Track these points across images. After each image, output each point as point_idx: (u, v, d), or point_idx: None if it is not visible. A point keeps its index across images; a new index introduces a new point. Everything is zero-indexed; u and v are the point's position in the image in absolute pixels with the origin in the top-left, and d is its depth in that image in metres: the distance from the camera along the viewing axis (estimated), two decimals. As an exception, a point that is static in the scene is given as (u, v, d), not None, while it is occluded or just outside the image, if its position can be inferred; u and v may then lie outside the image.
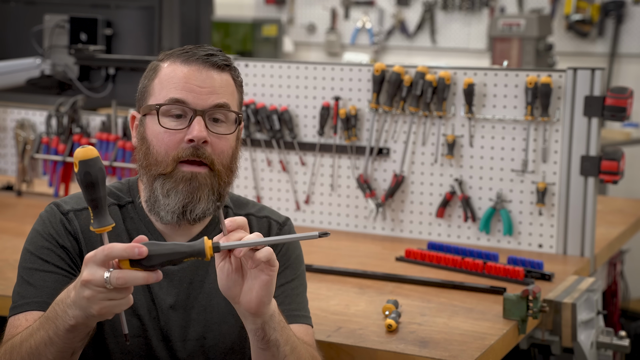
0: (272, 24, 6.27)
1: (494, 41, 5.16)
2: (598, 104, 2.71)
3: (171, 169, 1.71)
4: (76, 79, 3.40)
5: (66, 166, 3.38)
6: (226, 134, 1.73)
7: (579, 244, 2.77)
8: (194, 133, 1.69)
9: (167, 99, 1.72)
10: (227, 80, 1.75)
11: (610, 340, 2.40)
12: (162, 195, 1.72)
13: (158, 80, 1.75)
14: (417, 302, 2.30)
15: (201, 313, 1.78)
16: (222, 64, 1.75)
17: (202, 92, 1.72)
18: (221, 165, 1.74)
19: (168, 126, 1.72)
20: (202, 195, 1.71)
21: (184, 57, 1.74)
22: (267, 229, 1.87)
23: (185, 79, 1.72)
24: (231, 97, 1.75)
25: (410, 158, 2.95)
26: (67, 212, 1.75)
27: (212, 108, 1.72)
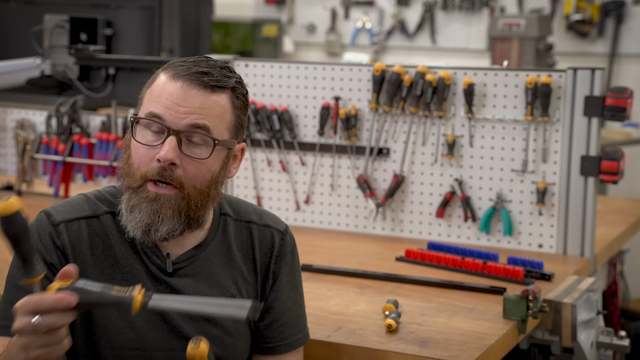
0: (272, 24, 6.27)
1: (494, 41, 5.16)
2: (598, 104, 2.71)
3: (138, 184, 1.67)
4: (76, 79, 3.40)
5: (66, 166, 3.38)
6: (201, 158, 1.66)
7: (579, 244, 2.77)
8: (161, 153, 1.63)
9: (146, 112, 1.67)
10: (217, 102, 1.67)
11: (610, 340, 2.40)
12: (126, 210, 1.68)
13: (150, 90, 1.70)
14: (417, 302, 2.30)
15: (204, 327, 1.76)
16: (211, 85, 1.66)
17: (180, 111, 1.64)
18: (192, 189, 1.67)
19: (143, 140, 1.67)
20: (165, 217, 1.66)
21: (177, 71, 1.67)
22: (270, 239, 1.84)
23: (166, 95, 1.65)
24: (217, 119, 1.67)
25: (410, 158, 2.95)
26: (57, 223, 1.71)
27: (188, 129, 1.64)
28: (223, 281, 1.78)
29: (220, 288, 1.78)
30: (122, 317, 1.71)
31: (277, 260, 1.84)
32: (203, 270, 1.77)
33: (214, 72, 1.68)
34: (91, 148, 3.35)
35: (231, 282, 1.79)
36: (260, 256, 1.83)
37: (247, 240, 1.83)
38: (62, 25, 3.57)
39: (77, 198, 1.77)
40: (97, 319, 1.71)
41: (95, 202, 1.76)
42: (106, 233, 1.74)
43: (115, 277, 1.72)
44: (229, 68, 1.73)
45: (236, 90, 1.71)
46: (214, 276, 1.78)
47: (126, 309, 1.45)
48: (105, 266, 1.72)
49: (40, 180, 3.51)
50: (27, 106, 3.57)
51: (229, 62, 3.08)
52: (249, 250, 1.83)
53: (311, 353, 2.02)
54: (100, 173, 3.36)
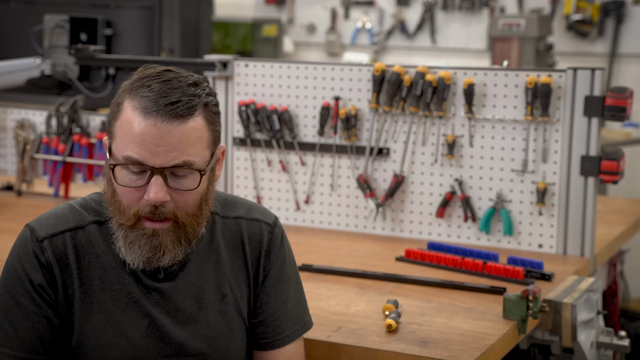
0: (272, 24, 6.27)
1: (494, 41, 5.16)
2: (598, 104, 2.71)
3: (132, 222, 1.66)
4: (76, 79, 3.40)
5: (66, 166, 3.38)
6: (190, 190, 1.66)
7: (579, 244, 2.77)
8: (150, 195, 1.62)
9: (123, 156, 1.63)
10: (192, 128, 1.63)
11: (610, 340, 2.40)
12: (125, 246, 1.68)
13: (119, 125, 1.65)
14: (417, 302, 2.30)
15: (197, 329, 1.76)
16: (185, 114, 1.62)
17: (159, 151, 1.61)
18: (186, 217, 1.67)
19: (126, 182, 1.65)
20: (167, 249, 1.67)
21: (145, 104, 1.61)
22: (258, 233, 1.83)
23: (141, 137, 1.61)
24: (195, 146, 1.64)
25: (410, 158, 2.95)
26: (41, 239, 1.70)
27: (170, 167, 1.63)
28: (214, 281, 1.78)
29: (211, 288, 1.77)
30: (114, 328, 1.71)
31: (267, 255, 1.83)
32: (194, 271, 1.77)
33: (183, 96, 1.63)
34: (91, 148, 3.35)
35: (222, 281, 1.79)
36: (250, 251, 1.82)
37: (236, 236, 1.82)
38: (62, 25, 3.57)
39: (61, 209, 1.76)
40: (89, 331, 1.71)
41: (80, 212, 1.75)
42: (92, 244, 1.73)
43: (104, 288, 1.72)
44: (195, 82, 1.67)
45: (208, 105, 1.68)
46: (204, 277, 1.77)
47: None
48: (93, 278, 1.72)
49: (40, 180, 3.51)
50: (27, 106, 3.57)
51: (228, 61, 3.08)
52: (239, 247, 1.82)
53: (311, 353, 2.02)
54: (100, 173, 3.36)
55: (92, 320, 1.71)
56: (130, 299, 1.72)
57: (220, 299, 1.77)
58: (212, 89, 1.71)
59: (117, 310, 1.71)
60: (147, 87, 1.64)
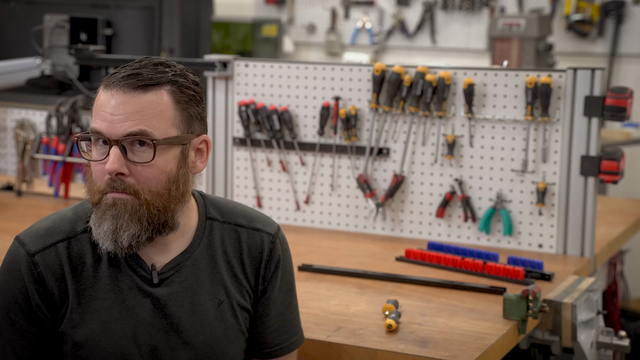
0: (272, 24, 6.27)
1: (494, 41, 5.16)
2: (598, 104, 2.71)
3: (97, 199, 1.66)
4: (76, 79, 3.40)
5: (66, 166, 3.38)
6: (147, 162, 1.63)
7: (579, 244, 2.77)
8: (107, 166, 1.62)
9: (90, 129, 1.65)
10: (152, 101, 1.63)
11: (610, 340, 2.40)
12: (94, 225, 1.66)
13: (94, 106, 1.67)
14: (417, 302, 2.30)
15: (193, 335, 1.74)
16: (141, 84, 1.62)
17: (115, 121, 1.61)
18: (149, 193, 1.64)
19: (94, 156, 1.65)
20: (124, 221, 1.64)
21: (109, 81, 1.65)
22: (259, 243, 1.81)
23: (101, 108, 1.64)
24: (155, 119, 1.63)
25: (410, 158, 2.95)
26: (33, 254, 1.69)
27: (125, 137, 1.61)
28: (210, 287, 1.76)
29: (207, 295, 1.75)
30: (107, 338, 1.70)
31: (267, 265, 1.81)
32: (190, 277, 1.75)
33: (144, 71, 1.64)
34: (91, 148, 3.34)
35: (219, 288, 1.76)
36: (249, 261, 1.80)
37: (235, 244, 1.80)
38: (62, 25, 3.57)
39: (52, 219, 1.74)
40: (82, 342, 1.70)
41: (71, 221, 1.73)
42: (85, 253, 1.71)
43: (97, 298, 1.70)
44: (165, 63, 1.68)
45: (177, 83, 1.66)
46: (201, 282, 1.75)
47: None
48: (86, 287, 1.71)
49: (40, 180, 3.51)
50: (27, 106, 3.57)
51: (228, 61, 3.09)
52: (237, 255, 1.79)
53: (311, 353, 2.02)
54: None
55: (85, 331, 1.69)
56: (123, 308, 1.71)
57: (217, 305, 1.75)
58: (186, 73, 1.70)
59: (110, 319, 1.70)
60: (117, 69, 1.68)
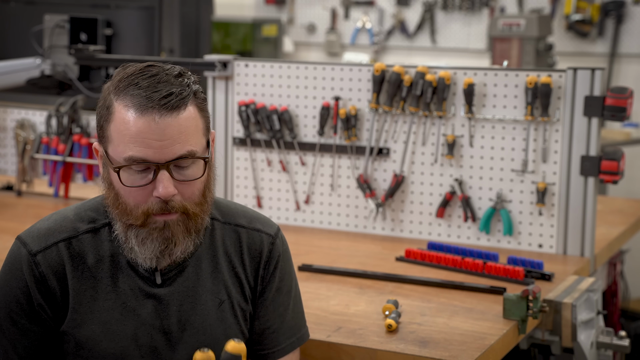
0: (272, 24, 6.27)
1: (494, 41, 5.16)
2: (598, 104, 2.71)
3: (142, 221, 1.65)
4: (76, 79, 3.40)
5: (66, 166, 3.38)
6: (196, 179, 1.66)
7: (579, 244, 2.77)
8: (159, 191, 1.62)
9: (125, 157, 1.61)
10: (187, 118, 1.63)
11: (610, 340, 2.40)
12: (138, 244, 1.67)
13: (114, 127, 1.63)
14: (417, 302, 2.30)
15: (194, 335, 1.75)
16: (177, 105, 1.61)
17: (163, 146, 1.60)
18: (194, 207, 1.67)
19: (131, 183, 1.63)
20: (178, 239, 1.67)
21: (138, 102, 1.60)
22: (259, 244, 1.82)
23: (142, 135, 1.60)
24: (194, 135, 1.64)
25: (410, 158, 2.95)
26: (34, 253, 1.69)
27: (176, 160, 1.62)
28: (212, 287, 1.76)
29: (208, 294, 1.76)
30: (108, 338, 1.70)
31: (266, 266, 1.81)
32: (192, 276, 1.75)
33: (173, 87, 1.62)
34: (91, 148, 3.34)
35: (220, 288, 1.77)
36: (249, 261, 1.80)
37: (235, 244, 1.80)
38: (62, 25, 3.58)
39: (54, 219, 1.74)
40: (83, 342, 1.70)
41: (73, 222, 1.73)
42: (86, 253, 1.71)
43: (98, 298, 1.71)
44: (180, 72, 1.67)
45: (197, 94, 1.67)
46: (202, 282, 1.76)
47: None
48: (87, 288, 1.71)
49: (40, 180, 3.51)
50: (27, 106, 3.57)
51: (228, 61, 3.08)
52: (237, 255, 1.80)
53: (311, 353, 2.02)
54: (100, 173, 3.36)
55: (86, 331, 1.70)
56: (124, 309, 1.71)
57: (218, 305, 1.76)
58: (196, 77, 1.70)
59: (111, 320, 1.70)
60: (134, 85, 1.63)
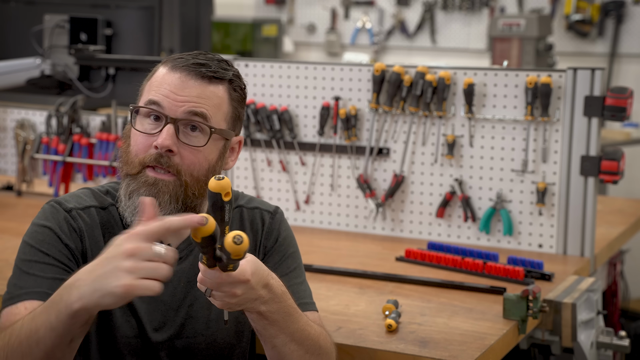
0: (272, 24, 6.27)
1: (494, 41, 5.16)
2: (598, 104, 2.71)
3: (136, 171, 1.70)
4: (76, 79, 3.40)
5: (66, 166, 3.38)
6: (198, 146, 1.69)
7: (579, 244, 2.77)
8: (158, 140, 1.67)
9: (145, 101, 1.71)
10: (214, 92, 1.71)
11: (610, 340, 2.40)
12: (125, 196, 1.71)
13: (149, 83, 1.74)
14: (417, 302, 2.30)
15: (199, 310, 1.77)
16: (209, 75, 1.71)
17: (178, 99, 1.68)
18: (190, 177, 1.70)
19: (141, 129, 1.71)
20: (163, 202, 1.68)
21: (175, 63, 1.72)
22: (260, 220, 1.86)
23: (167, 84, 1.70)
24: (215, 109, 1.71)
25: (410, 158, 2.95)
26: (70, 209, 1.72)
27: (185, 116, 1.68)
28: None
29: None
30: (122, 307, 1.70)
31: (268, 236, 1.86)
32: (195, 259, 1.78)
33: (212, 64, 1.72)
34: (91, 148, 3.35)
35: None
36: (252, 236, 1.84)
37: (237, 223, 1.85)
38: (62, 25, 3.57)
39: (82, 191, 1.79)
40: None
41: (100, 195, 1.78)
42: (113, 224, 1.75)
43: None
44: (226, 62, 1.77)
45: (233, 83, 1.75)
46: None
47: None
48: None
49: (40, 180, 3.51)
50: (27, 106, 3.57)
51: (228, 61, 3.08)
52: None
53: (311, 353, 2.02)
54: (100, 173, 3.36)
55: None
56: None
57: None
58: (241, 76, 1.79)
59: None
60: (181, 55, 1.75)
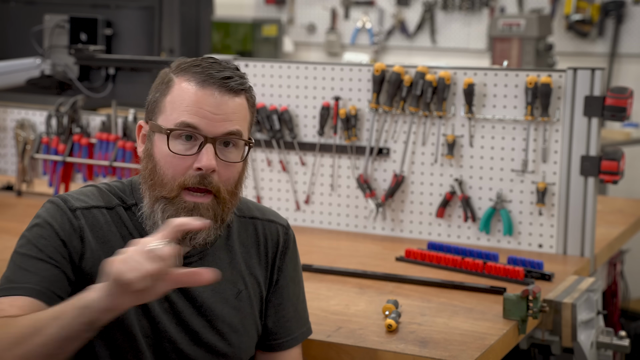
0: (272, 24, 6.27)
1: (494, 41, 5.16)
2: (598, 104, 2.71)
3: (175, 194, 1.67)
4: (76, 79, 3.40)
5: (66, 166, 3.38)
6: (236, 162, 1.70)
7: (579, 244, 2.77)
8: (202, 162, 1.65)
9: (178, 122, 1.66)
10: (240, 104, 1.70)
11: (610, 340, 2.40)
12: (162, 220, 1.68)
13: (170, 99, 1.69)
14: (417, 302, 2.30)
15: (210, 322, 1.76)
16: (237, 89, 1.69)
17: (216, 119, 1.66)
18: (227, 193, 1.70)
19: (177, 151, 1.67)
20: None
21: (200, 78, 1.67)
22: (275, 234, 1.86)
23: (199, 104, 1.66)
24: (243, 122, 1.71)
25: (410, 158, 2.95)
26: (75, 208, 1.70)
27: (224, 136, 1.67)
28: (230, 277, 1.80)
29: (227, 283, 1.79)
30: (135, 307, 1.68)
31: (282, 256, 1.86)
32: (211, 265, 1.76)
33: (233, 74, 1.71)
34: (91, 148, 3.35)
35: (238, 278, 1.80)
36: (266, 251, 1.85)
37: (252, 235, 1.84)
38: (62, 25, 3.57)
39: (90, 189, 1.77)
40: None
41: (108, 194, 1.76)
42: (121, 224, 1.74)
43: None
44: (236, 67, 1.76)
45: (250, 91, 1.75)
46: (221, 271, 1.76)
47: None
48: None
49: (40, 180, 3.51)
50: (27, 106, 3.57)
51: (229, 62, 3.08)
52: (254, 246, 1.84)
53: (311, 353, 2.02)
54: (100, 173, 3.36)
55: None
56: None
57: (236, 295, 1.79)
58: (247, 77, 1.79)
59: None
60: (196, 66, 1.70)
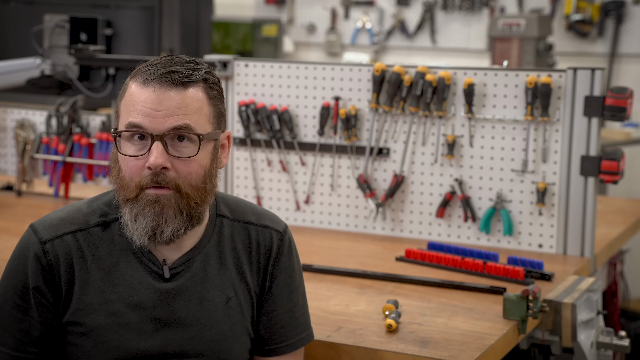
0: (272, 24, 6.27)
1: (494, 41, 5.16)
2: (598, 104, 2.71)
3: (135, 194, 1.68)
4: (76, 79, 3.40)
5: (66, 166, 3.38)
6: (190, 157, 1.68)
7: (579, 244, 2.78)
8: (150, 160, 1.65)
9: (126, 124, 1.67)
10: (191, 97, 1.68)
11: (610, 340, 2.40)
12: (131, 220, 1.69)
13: (124, 102, 1.70)
14: (417, 302, 2.30)
15: (200, 330, 1.76)
16: (182, 81, 1.67)
17: (158, 116, 1.65)
18: (189, 188, 1.68)
19: (129, 152, 1.68)
20: (168, 217, 1.67)
21: (145, 76, 1.67)
22: (269, 240, 1.84)
23: (142, 102, 1.66)
24: (196, 115, 1.68)
25: (410, 158, 2.95)
26: (44, 241, 1.72)
27: (170, 132, 1.66)
28: (219, 283, 1.78)
29: (216, 290, 1.77)
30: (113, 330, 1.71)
31: (275, 262, 1.84)
32: (199, 272, 1.77)
33: (182, 68, 1.69)
34: (91, 148, 3.35)
35: (227, 284, 1.79)
36: (258, 258, 1.82)
37: (245, 241, 1.82)
38: (62, 25, 3.57)
39: (67, 210, 1.77)
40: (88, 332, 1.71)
41: (86, 215, 1.76)
42: (96, 246, 1.73)
43: (105, 291, 1.72)
44: (195, 61, 1.74)
45: (208, 81, 1.72)
46: (210, 278, 1.77)
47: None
48: (95, 280, 1.72)
49: (40, 180, 3.51)
50: (27, 106, 3.57)
51: (228, 61, 3.09)
52: (247, 252, 1.82)
53: (311, 353, 2.02)
54: (100, 173, 3.36)
55: (92, 322, 1.71)
56: (132, 301, 1.72)
57: (225, 301, 1.78)
58: (212, 70, 1.75)
59: (118, 312, 1.71)
60: (148, 65, 1.71)
